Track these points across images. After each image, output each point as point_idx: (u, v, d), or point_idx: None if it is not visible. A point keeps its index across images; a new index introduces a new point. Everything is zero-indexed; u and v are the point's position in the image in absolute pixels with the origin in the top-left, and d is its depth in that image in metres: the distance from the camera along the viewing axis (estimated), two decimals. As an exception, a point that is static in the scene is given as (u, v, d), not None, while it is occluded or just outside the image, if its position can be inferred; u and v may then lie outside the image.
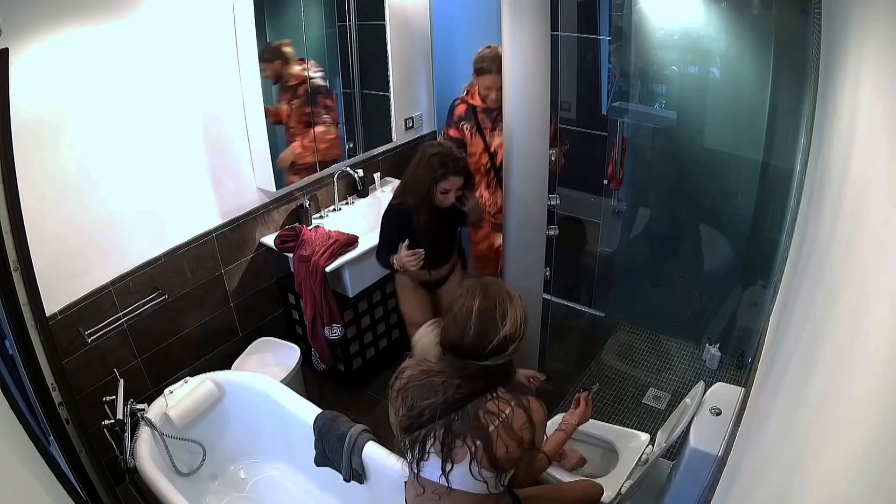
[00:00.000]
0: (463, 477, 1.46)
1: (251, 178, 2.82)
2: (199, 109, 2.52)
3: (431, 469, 1.50)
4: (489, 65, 2.63)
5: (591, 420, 1.94)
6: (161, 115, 2.39)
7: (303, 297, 2.79)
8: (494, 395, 1.46)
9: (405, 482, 1.74)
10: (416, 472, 1.52)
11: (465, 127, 2.88)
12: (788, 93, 2.52)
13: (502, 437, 1.41)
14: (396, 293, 2.65)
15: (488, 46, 2.69)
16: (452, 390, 1.43)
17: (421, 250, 2.30)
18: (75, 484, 1.64)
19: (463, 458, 1.43)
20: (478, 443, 1.41)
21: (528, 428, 1.44)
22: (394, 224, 2.37)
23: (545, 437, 1.66)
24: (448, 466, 1.44)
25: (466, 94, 2.88)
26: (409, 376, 1.51)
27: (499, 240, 2.88)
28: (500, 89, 2.43)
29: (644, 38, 2.89)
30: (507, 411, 1.43)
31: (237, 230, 2.82)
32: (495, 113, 2.74)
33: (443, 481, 1.48)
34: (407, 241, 2.30)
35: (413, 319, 2.56)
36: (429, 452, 1.47)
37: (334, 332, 2.80)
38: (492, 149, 2.84)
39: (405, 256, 2.30)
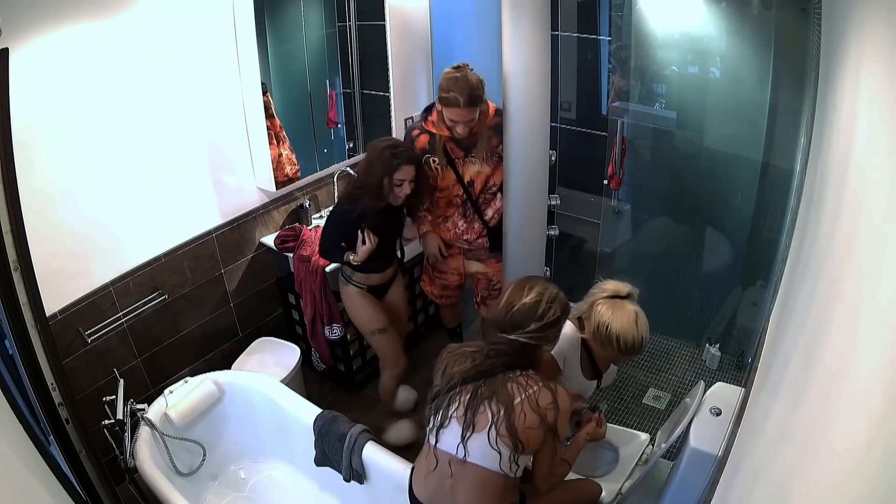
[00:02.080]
0: (480, 447, 1.51)
1: (251, 178, 2.82)
2: (198, 109, 2.52)
3: (450, 438, 1.55)
4: (456, 95, 2.21)
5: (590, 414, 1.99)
6: (161, 115, 2.39)
7: (303, 297, 2.79)
8: (525, 373, 1.55)
9: (412, 469, 1.76)
10: (434, 441, 1.58)
11: (431, 161, 2.46)
12: (788, 93, 2.52)
13: (525, 409, 1.49)
14: (347, 305, 2.57)
15: (457, 67, 2.28)
16: (481, 358, 1.56)
17: (374, 237, 2.31)
18: (75, 484, 1.64)
19: (484, 427, 1.50)
20: (501, 409, 1.49)
21: (552, 409, 1.51)
22: (349, 225, 2.31)
23: (568, 431, 1.74)
24: (468, 433, 1.51)
25: (426, 121, 2.45)
26: (449, 350, 1.65)
27: (472, 266, 2.73)
28: (468, 122, 2.29)
29: (644, 38, 2.89)
30: (535, 388, 1.52)
31: (237, 230, 2.82)
32: (467, 140, 2.40)
33: (460, 451, 1.53)
34: (367, 238, 2.29)
35: (373, 326, 2.52)
36: (450, 418, 1.55)
37: (334, 331, 2.80)
38: (466, 178, 2.48)
39: (363, 247, 2.29)
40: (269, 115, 2.78)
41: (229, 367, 2.74)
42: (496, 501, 1.58)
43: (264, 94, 2.71)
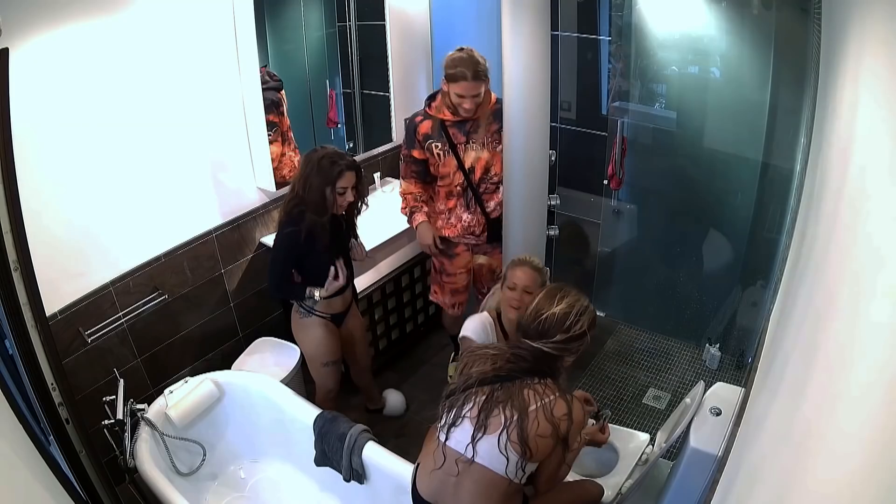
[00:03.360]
0: (489, 450, 1.52)
1: (251, 178, 2.82)
2: (198, 109, 2.52)
3: (460, 437, 1.56)
4: (463, 70, 2.29)
5: (591, 421, 2.00)
6: (161, 115, 2.39)
7: (303, 297, 2.78)
8: (543, 381, 1.55)
9: (416, 465, 1.76)
10: (443, 438, 1.59)
11: (434, 146, 2.50)
12: (788, 93, 2.52)
13: (539, 418, 1.49)
14: (304, 337, 2.45)
15: (461, 49, 2.37)
16: (502, 361, 1.56)
17: (341, 268, 2.26)
18: (75, 484, 1.64)
19: (495, 430, 1.50)
20: (514, 415, 1.49)
21: (566, 420, 1.51)
22: (298, 248, 2.20)
23: (578, 441, 1.73)
24: (479, 434, 1.51)
25: (428, 107, 2.51)
26: (471, 349, 1.68)
27: (478, 259, 2.72)
28: (474, 98, 2.34)
29: (644, 38, 2.89)
30: (552, 397, 1.52)
31: (237, 230, 2.82)
32: (468, 125, 2.46)
33: (468, 452, 1.54)
34: (339, 270, 2.25)
35: (328, 358, 2.45)
36: (463, 418, 1.55)
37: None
38: (467, 165, 2.52)
39: (336, 282, 2.25)
40: (279, 113, 2.78)
41: (229, 367, 2.74)
42: (499, 503, 1.58)
43: (279, 90, 2.71)
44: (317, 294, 2.26)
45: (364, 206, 2.35)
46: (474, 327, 2.13)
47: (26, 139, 1.95)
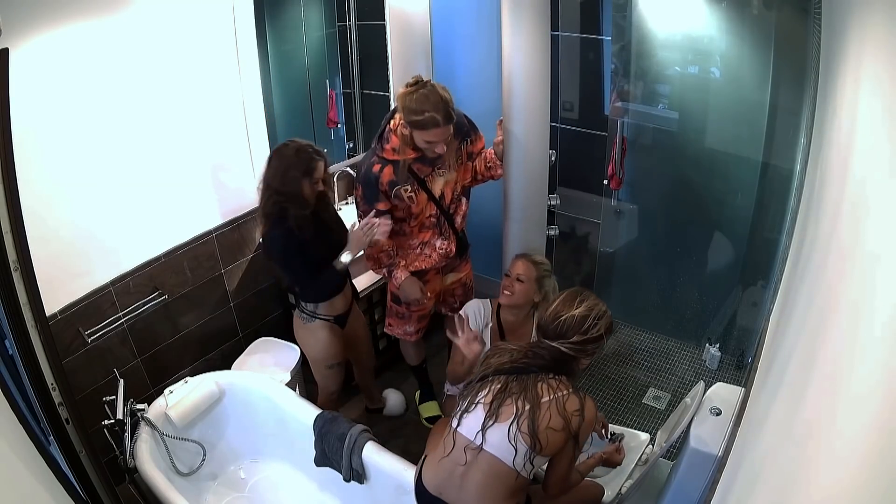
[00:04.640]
0: (499, 439, 1.55)
1: (251, 178, 2.81)
2: (198, 108, 2.52)
3: (471, 423, 1.59)
4: (433, 115, 2.00)
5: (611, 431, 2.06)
6: (161, 114, 2.39)
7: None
8: (558, 377, 1.60)
9: (423, 457, 1.78)
10: (455, 424, 1.63)
11: (402, 190, 2.23)
12: (788, 93, 2.52)
13: (551, 410, 1.53)
14: (308, 341, 2.42)
15: (418, 83, 2.05)
16: (519, 355, 1.63)
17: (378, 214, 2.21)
18: (75, 484, 1.64)
19: (506, 419, 1.54)
20: (527, 406, 1.54)
21: (577, 415, 1.55)
22: (295, 240, 2.14)
23: (589, 440, 1.77)
24: (490, 422, 1.56)
25: (383, 150, 2.20)
26: (494, 344, 1.77)
27: (448, 279, 2.59)
28: (446, 139, 2.10)
29: (645, 39, 2.89)
30: (565, 392, 1.57)
31: (237, 230, 2.82)
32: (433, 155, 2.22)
33: (478, 439, 1.57)
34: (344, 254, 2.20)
35: (332, 360, 2.43)
36: (477, 404, 1.60)
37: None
38: (437, 193, 2.31)
39: (375, 225, 2.16)
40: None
41: (229, 367, 2.74)
42: (503, 497, 1.59)
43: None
44: (343, 258, 2.19)
45: (332, 195, 2.35)
46: (470, 306, 2.33)
47: (26, 139, 1.95)
